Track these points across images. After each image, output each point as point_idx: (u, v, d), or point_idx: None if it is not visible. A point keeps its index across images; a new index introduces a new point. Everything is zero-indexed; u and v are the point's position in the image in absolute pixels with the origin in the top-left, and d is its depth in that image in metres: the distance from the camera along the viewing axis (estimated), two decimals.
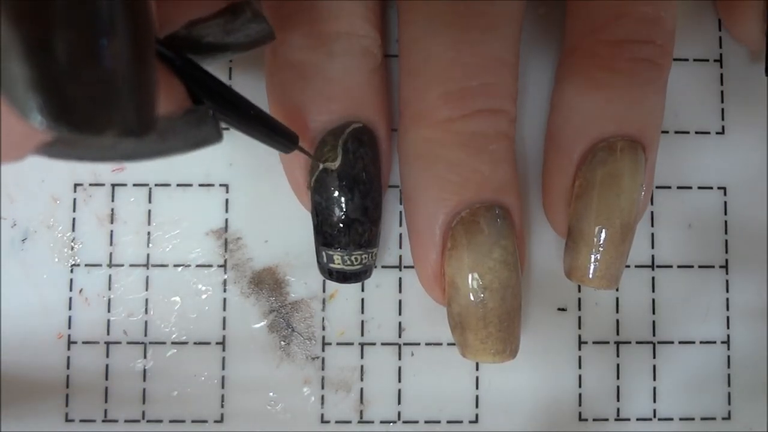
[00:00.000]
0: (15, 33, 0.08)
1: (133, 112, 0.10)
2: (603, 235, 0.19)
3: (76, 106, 0.09)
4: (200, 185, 0.23)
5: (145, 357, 0.22)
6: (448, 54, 0.18)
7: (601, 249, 0.19)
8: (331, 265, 0.20)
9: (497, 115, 0.19)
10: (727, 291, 0.23)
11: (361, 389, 0.22)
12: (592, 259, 0.20)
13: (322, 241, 0.20)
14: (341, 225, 0.19)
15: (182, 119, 0.14)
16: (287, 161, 0.20)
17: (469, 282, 0.19)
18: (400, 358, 0.22)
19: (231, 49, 0.15)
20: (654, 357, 0.23)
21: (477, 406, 0.22)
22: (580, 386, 0.23)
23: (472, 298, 0.19)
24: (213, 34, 0.14)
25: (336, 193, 0.19)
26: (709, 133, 0.23)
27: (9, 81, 0.09)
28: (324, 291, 0.22)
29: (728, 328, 0.23)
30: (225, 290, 0.22)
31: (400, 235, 0.23)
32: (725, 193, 0.23)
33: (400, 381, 0.22)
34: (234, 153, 0.23)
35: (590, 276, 0.20)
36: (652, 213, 0.23)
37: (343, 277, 0.20)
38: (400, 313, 0.23)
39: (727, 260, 0.23)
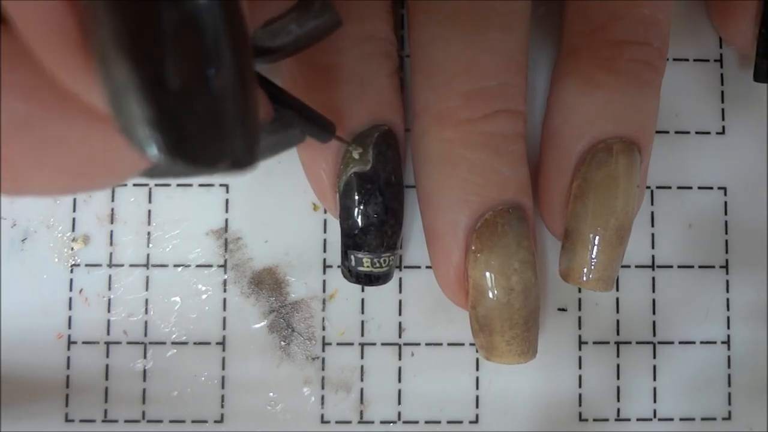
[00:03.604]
0: (132, 72, 0.08)
1: (242, 142, 0.09)
2: (600, 237, 0.19)
3: (191, 140, 0.09)
4: (200, 185, 0.23)
5: (145, 357, 0.22)
6: (466, 54, 0.19)
7: (598, 251, 0.19)
8: (360, 269, 0.20)
9: (515, 116, 0.19)
10: (727, 291, 0.23)
11: (361, 389, 0.22)
12: (590, 261, 0.20)
13: (351, 245, 0.20)
14: (372, 228, 0.19)
15: (269, 126, 0.14)
16: (311, 164, 0.20)
17: (495, 284, 0.19)
18: (400, 359, 0.22)
19: (302, 42, 0.15)
20: (654, 357, 0.23)
21: (477, 407, 0.22)
22: (580, 386, 0.23)
23: (498, 300, 0.19)
24: (287, 30, 0.14)
25: (368, 197, 0.19)
26: (709, 133, 0.23)
27: (125, 118, 0.09)
28: (324, 291, 0.22)
29: (728, 328, 0.23)
30: (225, 290, 0.22)
31: (401, 235, 0.23)
32: (725, 193, 0.23)
33: (400, 381, 0.22)
34: None
35: (588, 278, 0.20)
36: (652, 213, 0.23)
37: (369, 279, 0.20)
38: (400, 313, 0.23)
39: (727, 260, 0.23)
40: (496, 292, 0.19)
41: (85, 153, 0.10)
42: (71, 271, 0.22)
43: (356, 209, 0.19)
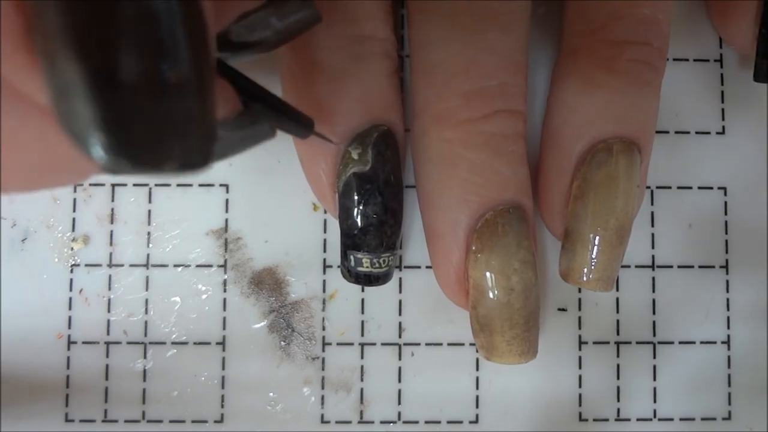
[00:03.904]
0: (79, 69, 0.08)
1: (194, 144, 0.09)
2: (601, 237, 0.19)
3: (138, 142, 0.08)
4: (200, 185, 0.23)
5: (145, 357, 0.22)
6: (466, 53, 0.19)
7: (598, 251, 0.19)
8: (360, 269, 0.20)
9: (515, 116, 0.19)
10: (727, 291, 0.23)
11: (361, 389, 0.22)
12: (590, 262, 0.20)
13: (350, 245, 0.20)
14: (371, 228, 0.19)
15: (235, 122, 0.13)
16: (310, 164, 0.20)
17: (495, 284, 0.19)
18: (400, 359, 0.22)
19: (282, 36, 0.15)
20: (654, 357, 0.23)
21: (477, 407, 0.22)
22: (580, 386, 0.23)
23: (498, 300, 0.19)
24: (264, 24, 0.14)
25: (367, 197, 0.19)
26: (709, 133, 0.23)
27: (70, 118, 0.08)
28: (324, 291, 0.22)
29: (728, 328, 0.23)
30: (225, 290, 0.22)
31: (401, 235, 0.23)
32: (725, 193, 0.23)
33: (400, 381, 0.22)
34: None
35: (588, 278, 0.20)
36: (652, 213, 0.23)
37: (369, 280, 0.20)
38: (400, 313, 0.23)
39: (727, 260, 0.23)
40: (496, 292, 0.19)
41: (40, 151, 0.10)
42: (71, 271, 0.22)
43: (355, 209, 0.19)
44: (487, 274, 0.19)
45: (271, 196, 0.23)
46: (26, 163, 0.10)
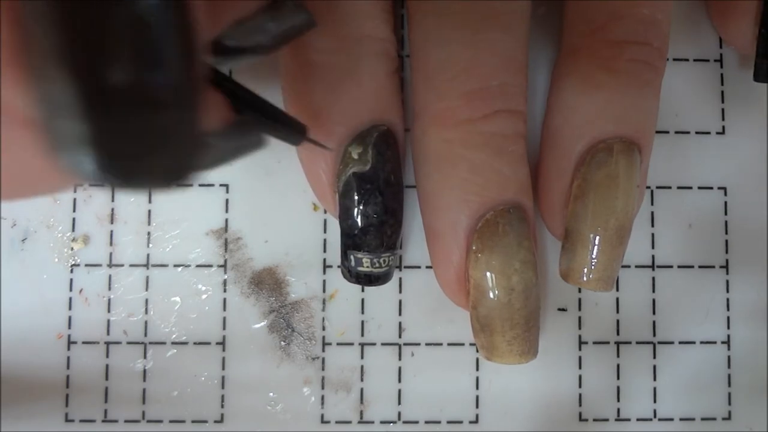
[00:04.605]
0: (71, 88, 0.08)
1: (180, 159, 0.09)
2: (601, 237, 0.19)
3: (123, 158, 0.09)
4: (200, 185, 0.23)
5: (145, 357, 0.22)
6: (466, 53, 0.19)
7: (598, 251, 0.19)
8: (360, 269, 0.20)
9: (515, 116, 0.19)
10: (728, 291, 0.23)
11: (361, 389, 0.22)
12: (590, 262, 0.20)
13: (351, 245, 0.20)
14: (371, 228, 0.19)
15: (226, 132, 0.13)
16: (310, 164, 0.20)
17: (496, 284, 0.19)
18: (400, 359, 0.22)
19: (276, 41, 0.15)
20: (654, 357, 0.23)
21: (477, 407, 0.22)
22: (580, 386, 0.23)
23: (499, 300, 0.19)
24: (260, 29, 0.14)
25: (367, 197, 0.19)
26: (709, 133, 0.23)
27: (58, 135, 0.08)
28: (324, 291, 0.22)
29: (728, 328, 0.23)
30: (225, 290, 0.22)
31: (401, 235, 0.23)
32: (725, 193, 0.23)
33: (400, 381, 0.22)
34: None
35: (588, 278, 0.20)
36: (652, 213, 0.23)
37: (369, 280, 0.20)
38: (400, 313, 0.23)
39: (727, 260, 0.23)
40: (496, 292, 0.19)
41: (20, 162, 0.10)
42: (71, 271, 0.22)
43: (356, 209, 0.19)
44: (488, 274, 0.19)
45: (271, 196, 0.23)
46: (6, 173, 0.10)
